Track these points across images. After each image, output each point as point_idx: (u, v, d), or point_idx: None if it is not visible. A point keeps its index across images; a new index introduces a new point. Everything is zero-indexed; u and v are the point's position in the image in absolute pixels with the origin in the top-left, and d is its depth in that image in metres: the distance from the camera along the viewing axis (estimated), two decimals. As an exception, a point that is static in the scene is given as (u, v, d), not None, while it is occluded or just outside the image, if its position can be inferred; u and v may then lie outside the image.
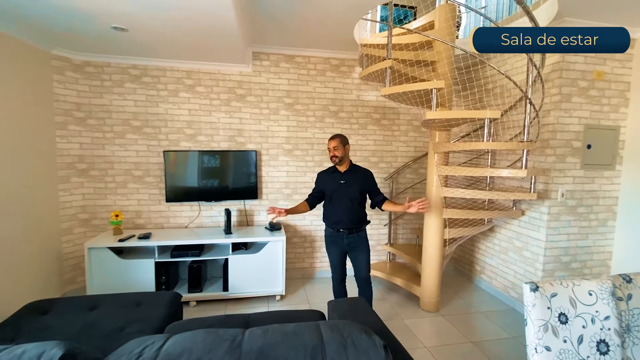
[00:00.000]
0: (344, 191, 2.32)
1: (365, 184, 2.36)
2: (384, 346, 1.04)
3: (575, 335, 1.37)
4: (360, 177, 2.36)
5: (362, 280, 2.40)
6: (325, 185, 2.41)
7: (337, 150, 2.28)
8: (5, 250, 2.35)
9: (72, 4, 1.96)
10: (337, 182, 2.35)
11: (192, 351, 0.97)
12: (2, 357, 0.90)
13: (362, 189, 2.34)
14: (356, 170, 2.38)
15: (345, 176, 2.34)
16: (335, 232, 2.37)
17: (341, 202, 2.33)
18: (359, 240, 2.37)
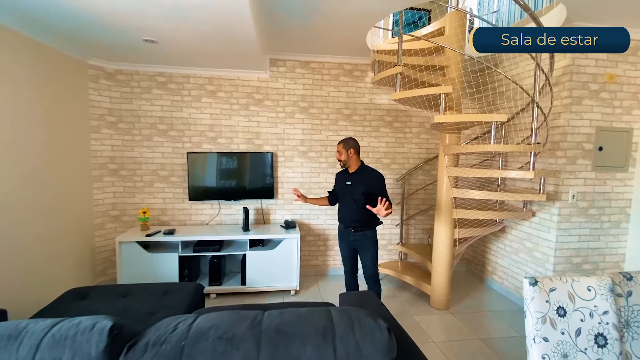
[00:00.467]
0: (349, 192, 2.44)
1: (370, 186, 2.38)
2: (387, 328, 1.15)
3: (573, 328, 1.45)
4: (366, 179, 2.41)
5: (369, 278, 2.49)
6: (337, 184, 2.60)
7: (341, 154, 2.42)
8: (47, 243, 2.60)
9: (109, 20, 2.18)
10: (344, 182, 2.49)
11: (219, 326, 1.12)
12: (64, 326, 1.08)
13: (366, 191, 2.37)
14: (364, 173, 2.45)
15: (352, 177, 2.45)
16: (343, 228, 2.53)
17: (346, 201, 2.47)
18: (364, 240, 2.45)
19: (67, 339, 1.03)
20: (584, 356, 1.42)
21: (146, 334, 1.10)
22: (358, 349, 1.07)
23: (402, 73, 2.44)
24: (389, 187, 3.66)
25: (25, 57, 2.37)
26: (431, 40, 2.46)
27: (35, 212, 2.47)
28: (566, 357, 1.41)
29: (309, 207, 3.59)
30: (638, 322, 1.53)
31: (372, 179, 2.41)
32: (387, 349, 1.09)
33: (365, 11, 2.34)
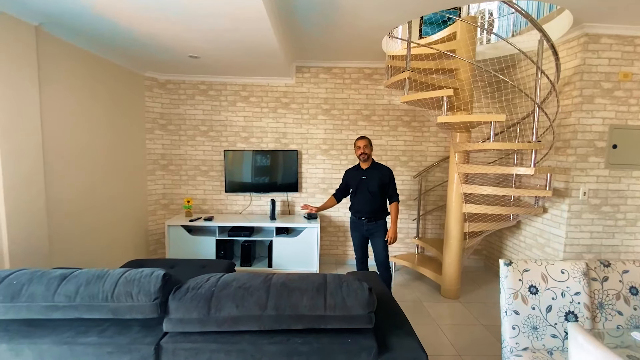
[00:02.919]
0: (365, 185, 2.71)
1: (383, 180, 2.69)
2: (369, 289, 1.45)
3: (544, 305, 1.63)
4: (380, 173, 2.70)
5: (380, 264, 2.75)
6: (350, 180, 2.84)
7: (367, 148, 2.67)
8: (113, 227, 3.19)
9: (162, 42, 2.67)
10: (359, 177, 2.75)
11: (240, 280, 1.49)
12: (132, 272, 1.51)
13: (381, 183, 2.68)
14: (377, 167, 2.74)
15: (367, 172, 2.73)
16: (357, 220, 2.80)
17: (363, 194, 2.73)
18: (377, 228, 2.73)
19: (134, 280, 1.45)
20: (553, 329, 1.61)
21: (188, 282, 1.51)
22: (344, 302, 1.39)
23: (409, 78, 2.67)
24: (406, 184, 3.91)
25: (98, 72, 2.95)
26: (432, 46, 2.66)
27: (105, 201, 3.06)
28: (536, 330, 1.61)
29: (330, 200, 3.91)
30: (612, 305, 1.67)
31: (385, 173, 2.71)
32: (367, 304, 1.40)
33: (377, 24, 2.61)
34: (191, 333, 1.40)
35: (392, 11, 2.37)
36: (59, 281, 1.44)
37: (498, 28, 3.85)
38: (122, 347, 1.35)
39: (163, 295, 1.41)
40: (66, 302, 1.38)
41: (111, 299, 1.40)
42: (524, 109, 3.29)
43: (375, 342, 1.38)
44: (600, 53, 2.64)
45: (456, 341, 2.42)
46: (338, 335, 1.40)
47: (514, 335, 1.60)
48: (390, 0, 2.20)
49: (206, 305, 1.38)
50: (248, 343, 1.36)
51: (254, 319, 1.36)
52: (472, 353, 2.27)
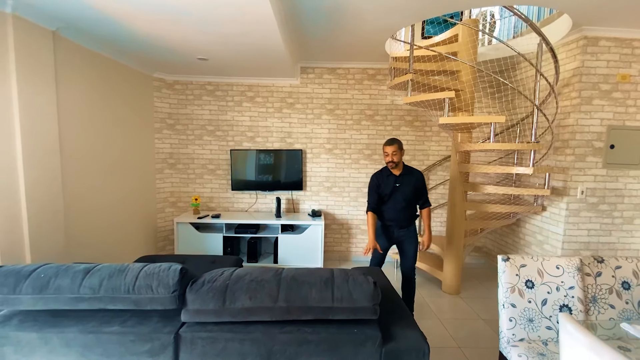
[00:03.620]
0: (399, 193, 2.47)
1: (417, 185, 2.50)
2: (374, 282, 1.54)
3: (540, 298, 1.72)
4: (413, 179, 2.49)
5: (409, 268, 2.58)
6: (381, 187, 2.51)
7: (395, 155, 2.40)
8: (123, 223, 3.29)
9: (172, 45, 2.76)
10: (392, 184, 2.47)
11: (252, 274, 1.58)
12: (151, 267, 1.60)
13: (415, 189, 2.49)
14: (410, 173, 2.50)
15: (400, 179, 2.47)
16: (387, 226, 2.56)
17: (396, 202, 2.48)
18: (409, 234, 2.55)
19: (154, 274, 1.54)
20: (548, 322, 1.70)
21: (203, 275, 1.60)
22: (350, 294, 1.48)
23: (412, 79, 2.75)
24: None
25: (109, 74, 3.04)
26: (435, 49, 2.73)
27: (116, 199, 3.16)
28: (532, 322, 1.70)
29: (334, 198, 4.00)
30: (605, 299, 1.76)
31: (418, 179, 2.52)
32: (371, 296, 1.49)
33: (381, 26, 2.69)
34: (207, 323, 1.49)
35: (395, 14, 2.44)
36: (83, 275, 1.54)
37: (500, 29, 3.90)
38: (143, 336, 1.45)
39: (181, 288, 1.51)
40: (91, 294, 1.48)
41: (132, 291, 1.49)
42: (524, 110, 3.36)
43: (379, 332, 1.47)
44: (599, 55, 2.70)
45: (456, 334, 2.51)
46: (345, 325, 1.49)
47: (511, 327, 1.69)
48: (393, 4, 2.27)
49: (221, 297, 1.48)
50: (261, 332, 1.46)
51: (266, 310, 1.46)
52: (471, 345, 2.36)
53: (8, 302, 1.48)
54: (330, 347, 1.44)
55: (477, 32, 2.93)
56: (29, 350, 1.45)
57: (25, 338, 1.45)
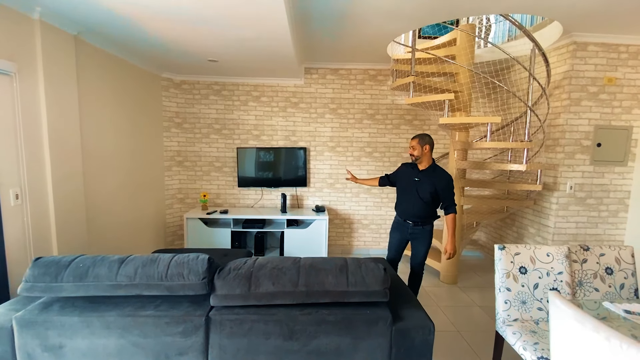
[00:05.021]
0: (415, 188, 2.43)
1: (437, 187, 2.39)
2: (383, 269, 1.71)
3: (532, 283, 1.91)
4: (436, 180, 2.39)
5: (417, 265, 2.60)
6: (402, 176, 2.56)
7: (415, 149, 2.40)
8: (136, 219, 3.41)
9: (186, 48, 2.88)
10: (412, 177, 2.46)
11: (273, 262, 1.74)
12: (180, 256, 1.75)
13: (434, 191, 2.39)
14: (434, 172, 2.42)
15: (421, 174, 2.43)
16: (402, 221, 2.54)
17: (411, 196, 2.46)
18: (423, 233, 2.51)
19: (184, 262, 1.69)
20: (539, 303, 1.89)
21: (229, 264, 1.75)
22: (363, 279, 1.65)
23: (414, 82, 2.91)
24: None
25: (123, 75, 3.14)
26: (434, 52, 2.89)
27: (129, 196, 3.27)
28: (525, 303, 1.89)
29: (337, 194, 4.16)
30: (590, 283, 1.95)
31: (442, 180, 2.39)
32: (382, 281, 1.65)
33: (384, 31, 2.84)
34: (234, 307, 1.65)
35: (398, 21, 2.59)
36: (118, 264, 1.67)
37: (495, 32, 4.08)
38: (177, 319, 1.60)
39: (209, 275, 1.66)
40: (127, 282, 1.62)
41: (165, 278, 1.64)
42: (518, 109, 3.55)
43: (390, 313, 1.64)
44: (587, 59, 2.89)
45: (455, 320, 2.70)
46: (358, 307, 1.65)
47: (506, 309, 1.87)
48: (396, 12, 2.43)
49: (247, 283, 1.63)
50: (283, 314, 1.61)
51: (288, 294, 1.62)
52: (469, 329, 2.55)
53: (51, 290, 1.61)
54: (346, 326, 1.60)
55: (474, 37, 3.09)
56: (71, 333, 1.59)
57: (68, 322, 1.59)
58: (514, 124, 3.48)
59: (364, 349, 1.60)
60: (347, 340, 1.59)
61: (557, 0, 2.22)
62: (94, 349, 1.59)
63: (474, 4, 2.27)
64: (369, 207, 4.19)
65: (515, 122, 3.41)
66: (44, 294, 1.63)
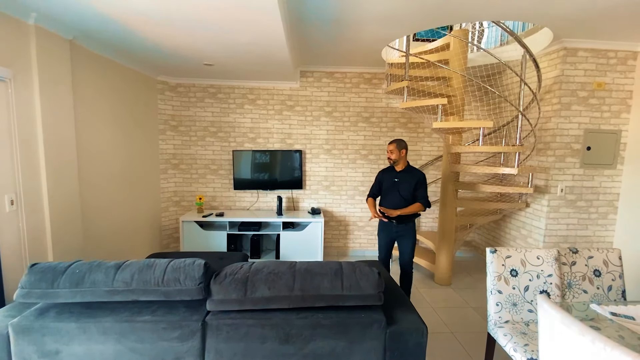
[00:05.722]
0: (396, 188, 2.68)
1: (415, 184, 2.64)
2: (378, 273, 1.74)
3: (522, 285, 1.95)
4: (412, 177, 2.65)
5: (405, 264, 2.75)
6: (383, 181, 2.78)
7: (393, 153, 2.64)
8: (132, 222, 3.41)
9: (182, 52, 2.89)
10: (392, 179, 2.70)
11: (269, 266, 1.76)
12: (176, 261, 1.76)
13: (412, 188, 2.64)
14: (411, 171, 2.69)
15: (400, 175, 2.68)
16: (387, 222, 2.71)
17: (393, 196, 2.69)
18: (407, 230, 2.70)
19: (180, 267, 1.70)
20: (529, 305, 1.93)
21: (225, 269, 1.77)
22: (357, 283, 1.67)
23: (408, 87, 2.95)
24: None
25: (118, 79, 3.14)
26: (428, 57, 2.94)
27: (124, 199, 3.27)
28: (515, 305, 1.93)
29: (332, 196, 4.19)
30: (579, 285, 2.00)
31: (417, 178, 2.66)
32: (376, 285, 1.68)
33: (379, 36, 2.87)
34: (231, 311, 1.67)
35: (392, 27, 2.63)
36: (114, 270, 1.68)
37: (488, 37, 4.14)
38: (174, 324, 1.61)
39: (205, 280, 1.67)
40: (124, 287, 1.63)
41: (162, 284, 1.65)
42: (510, 113, 3.60)
43: (384, 316, 1.67)
44: (577, 65, 2.95)
45: (449, 321, 2.74)
46: (353, 311, 1.68)
47: (497, 311, 1.91)
48: (391, 18, 2.46)
49: (243, 288, 1.65)
50: (279, 318, 1.63)
51: (283, 298, 1.64)
52: (462, 330, 2.59)
53: (47, 296, 1.62)
54: (341, 330, 1.63)
55: (466, 42, 3.14)
56: (68, 339, 1.60)
57: (65, 328, 1.59)
58: (506, 128, 3.54)
59: (358, 352, 1.62)
60: (342, 344, 1.62)
61: (547, 8, 2.26)
62: (90, 355, 1.60)
63: (467, 11, 2.31)
64: (364, 209, 4.23)
65: (507, 125, 3.47)
66: (40, 300, 1.63)
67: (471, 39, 3.51)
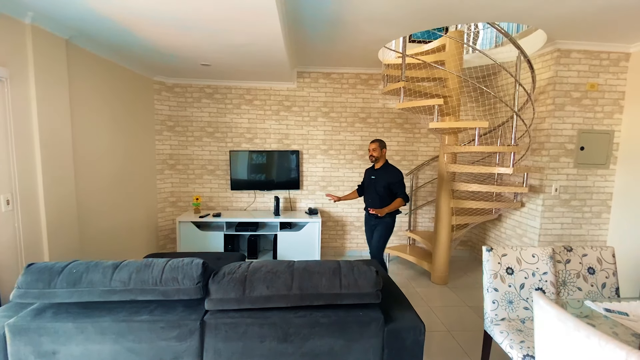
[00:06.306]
0: (373, 184, 2.95)
1: (390, 181, 2.86)
2: (375, 271, 1.75)
3: (518, 283, 1.97)
4: (388, 175, 2.89)
5: (372, 253, 2.99)
6: (365, 178, 3.12)
7: (375, 151, 2.92)
8: (128, 223, 3.39)
9: (179, 53, 2.88)
10: (370, 177, 3.01)
11: (267, 266, 1.76)
12: (174, 261, 1.76)
13: (387, 185, 2.87)
14: (387, 170, 2.93)
15: (377, 173, 2.96)
16: (367, 215, 3.04)
17: (370, 192, 2.99)
18: (380, 224, 2.93)
19: (178, 267, 1.70)
20: (525, 303, 1.95)
21: (223, 268, 1.77)
22: (355, 282, 1.68)
23: (404, 87, 2.97)
24: (398, 181, 4.20)
25: (114, 79, 3.12)
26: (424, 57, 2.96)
27: (121, 200, 3.25)
28: (511, 303, 1.95)
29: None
30: (573, 282, 2.03)
31: (393, 175, 2.88)
32: (374, 283, 1.69)
33: (376, 37, 2.89)
34: (229, 310, 1.67)
35: (389, 28, 2.65)
36: (112, 270, 1.68)
37: (483, 38, 4.18)
38: (172, 323, 1.61)
39: (204, 280, 1.68)
40: (122, 287, 1.63)
41: (160, 283, 1.65)
42: (505, 114, 3.64)
43: (382, 314, 1.68)
44: (571, 66, 3.00)
45: (446, 319, 2.76)
46: (351, 309, 1.69)
47: (494, 309, 1.93)
48: (387, 19, 2.48)
49: (241, 287, 1.65)
50: (278, 317, 1.64)
51: (282, 297, 1.64)
52: (459, 329, 2.61)
53: (44, 296, 1.61)
54: (340, 328, 1.64)
55: (462, 44, 3.17)
56: (65, 339, 1.59)
57: (62, 328, 1.58)
58: (501, 128, 3.58)
59: (357, 350, 1.63)
60: (341, 342, 1.63)
61: (541, 10, 2.30)
62: (88, 355, 1.59)
63: (463, 13, 2.34)
64: (361, 210, 4.24)
65: (502, 126, 3.50)
66: (37, 300, 1.62)
67: (466, 41, 3.55)
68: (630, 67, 3.02)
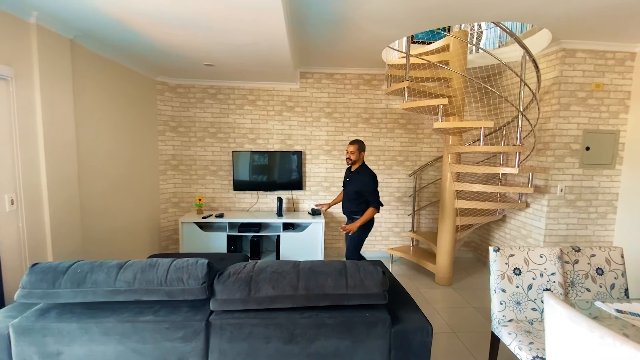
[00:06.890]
0: (347, 187, 2.95)
1: (360, 185, 2.80)
2: (382, 272, 1.73)
3: (526, 283, 1.95)
4: (359, 179, 2.83)
5: (346, 256, 2.95)
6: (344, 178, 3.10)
7: (353, 154, 2.82)
8: (131, 223, 3.38)
9: (183, 53, 2.88)
10: (346, 178, 3.01)
11: (273, 266, 1.75)
12: (179, 261, 1.74)
13: (357, 189, 2.82)
14: (359, 173, 2.86)
15: (352, 176, 2.93)
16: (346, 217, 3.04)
17: (345, 194, 2.99)
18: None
19: (183, 267, 1.69)
20: (533, 304, 1.93)
21: (228, 268, 1.76)
22: (362, 282, 1.67)
23: (408, 87, 2.96)
24: (402, 182, 4.20)
25: (118, 79, 3.12)
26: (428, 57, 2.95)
27: (124, 200, 3.24)
28: (519, 304, 1.93)
29: (332, 197, 4.19)
30: (582, 283, 2.00)
31: (363, 178, 2.80)
32: (381, 283, 1.68)
33: (379, 37, 2.88)
34: (234, 311, 1.65)
35: (392, 28, 2.64)
36: (117, 270, 1.67)
37: (486, 38, 4.17)
38: (177, 324, 1.60)
39: (209, 280, 1.66)
40: (126, 287, 1.62)
41: (165, 283, 1.63)
42: (509, 113, 3.63)
43: (388, 315, 1.66)
44: (576, 66, 2.98)
45: (451, 321, 2.73)
46: (358, 310, 1.67)
47: (501, 310, 1.91)
48: (390, 19, 2.47)
49: (247, 287, 1.64)
50: (283, 318, 1.62)
51: (288, 297, 1.63)
52: (464, 330, 2.59)
53: (49, 296, 1.60)
54: (346, 329, 1.62)
55: (466, 43, 3.16)
56: (69, 340, 1.58)
57: (66, 328, 1.57)
58: (506, 128, 3.56)
59: (363, 351, 1.61)
60: (347, 343, 1.61)
61: (546, 9, 2.29)
62: (92, 356, 1.58)
63: (467, 12, 2.33)
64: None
65: (506, 126, 3.49)
66: (41, 301, 1.61)
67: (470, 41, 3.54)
68: (636, 66, 3.00)
